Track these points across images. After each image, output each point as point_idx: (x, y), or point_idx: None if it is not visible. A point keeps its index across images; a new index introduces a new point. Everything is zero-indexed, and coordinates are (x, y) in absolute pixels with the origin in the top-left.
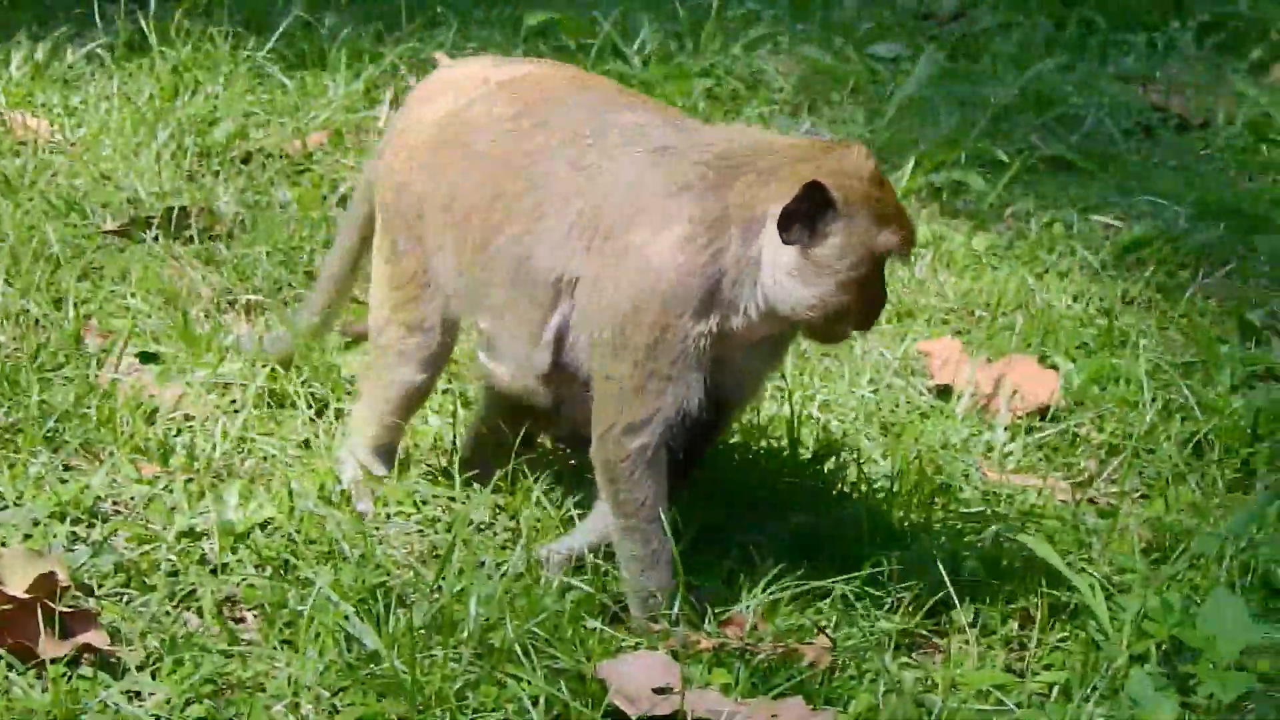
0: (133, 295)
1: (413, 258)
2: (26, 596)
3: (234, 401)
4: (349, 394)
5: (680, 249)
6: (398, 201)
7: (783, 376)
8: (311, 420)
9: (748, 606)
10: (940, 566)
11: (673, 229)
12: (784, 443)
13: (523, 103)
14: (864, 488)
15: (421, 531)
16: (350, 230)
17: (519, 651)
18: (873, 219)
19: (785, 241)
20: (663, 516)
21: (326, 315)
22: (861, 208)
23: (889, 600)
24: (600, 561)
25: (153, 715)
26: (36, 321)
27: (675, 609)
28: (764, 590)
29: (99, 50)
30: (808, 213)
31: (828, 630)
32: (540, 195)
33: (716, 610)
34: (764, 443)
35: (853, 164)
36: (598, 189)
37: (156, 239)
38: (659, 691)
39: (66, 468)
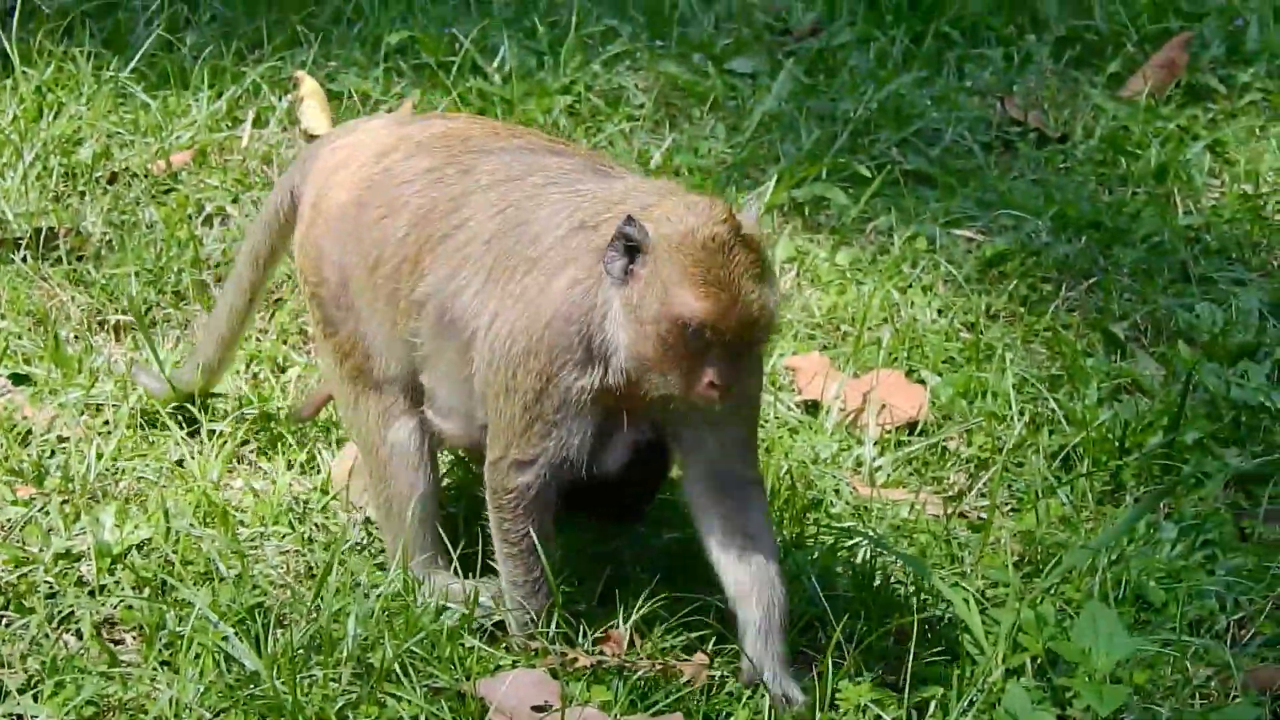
0: (2, 317)
1: (348, 325)
2: None
3: (107, 423)
4: (224, 416)
5: (565, 295)
6: (320, 272)
7: None
8: (184, 440)
9: (624, 623)
10: (815, 582)
11: (565, 272)
12: None
13: (447, 154)
14: None
15: (299, 551)
16: (237, 292)
17: (398, 671)
18: (680, 275)
19: (607, 275)
20: (542, 548)
21: (210, 376)
22: (670, 258)
23: None
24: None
25: None
26: None
27: (552, 628)
28: (640, 607)
29: None
30: (625, 250)
31: (705, 648)
32: (463, 238)
33: (593, 628)
34: None
35: (696, 215)
36: (513, 230)
37: (25, 260)
38: (538, 709)
39: None
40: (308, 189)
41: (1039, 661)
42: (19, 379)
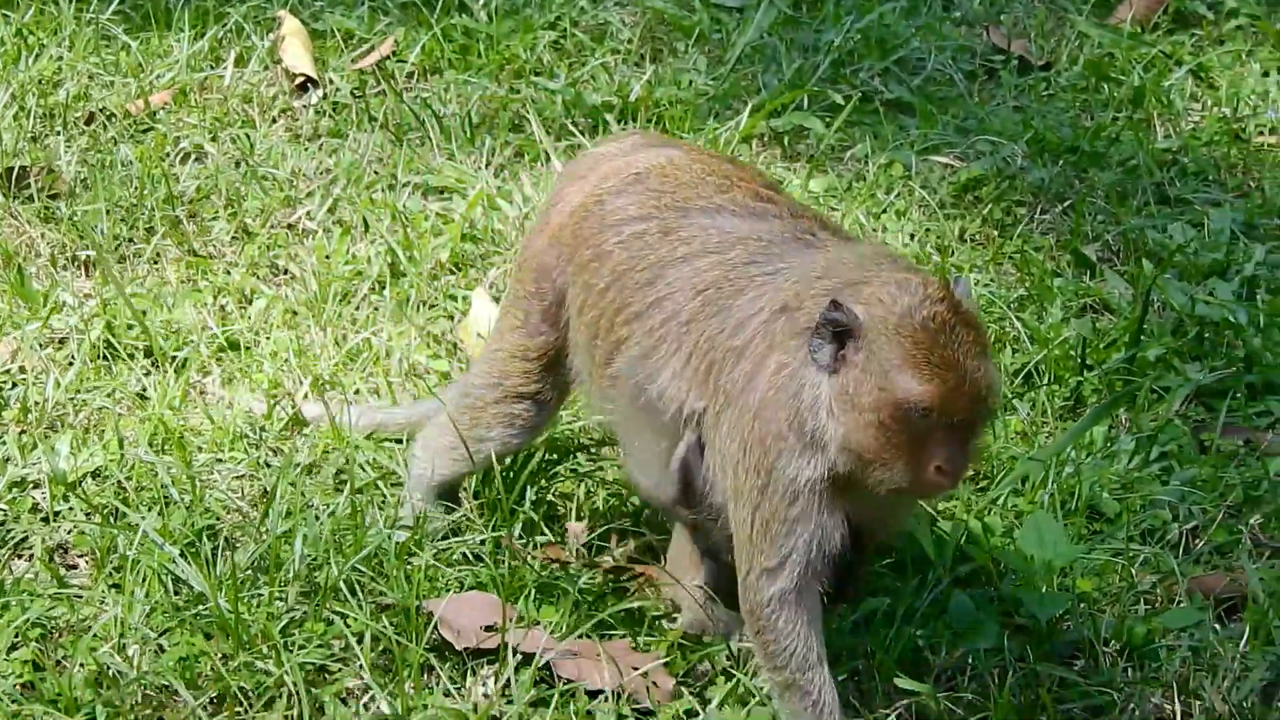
0: None
1: (548, 339)
2: None
3: (70, 356)
4: (188, 344)
5: (771, 382)
6: (538, 280)
7: None
8: (146, 373)
9: (578, 540)
10: None
11: (771, 358)
12: None
13: (655, 201)
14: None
15: (253, 476)
16: None
17: (345, 590)
18: (901, 358)
19: (814, 362)
20: (820, 664)
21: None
22: (886, 340)
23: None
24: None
25: None
26: None
27: None
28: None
29: None
30: (834, 336)
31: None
32: (660, 317)
33: (540, 538)
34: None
35: (911, 295)
36: (715, 317)
37: None
38: (488, 629)
39: None
40: (553, 192)
41: (985, 571)
42: None
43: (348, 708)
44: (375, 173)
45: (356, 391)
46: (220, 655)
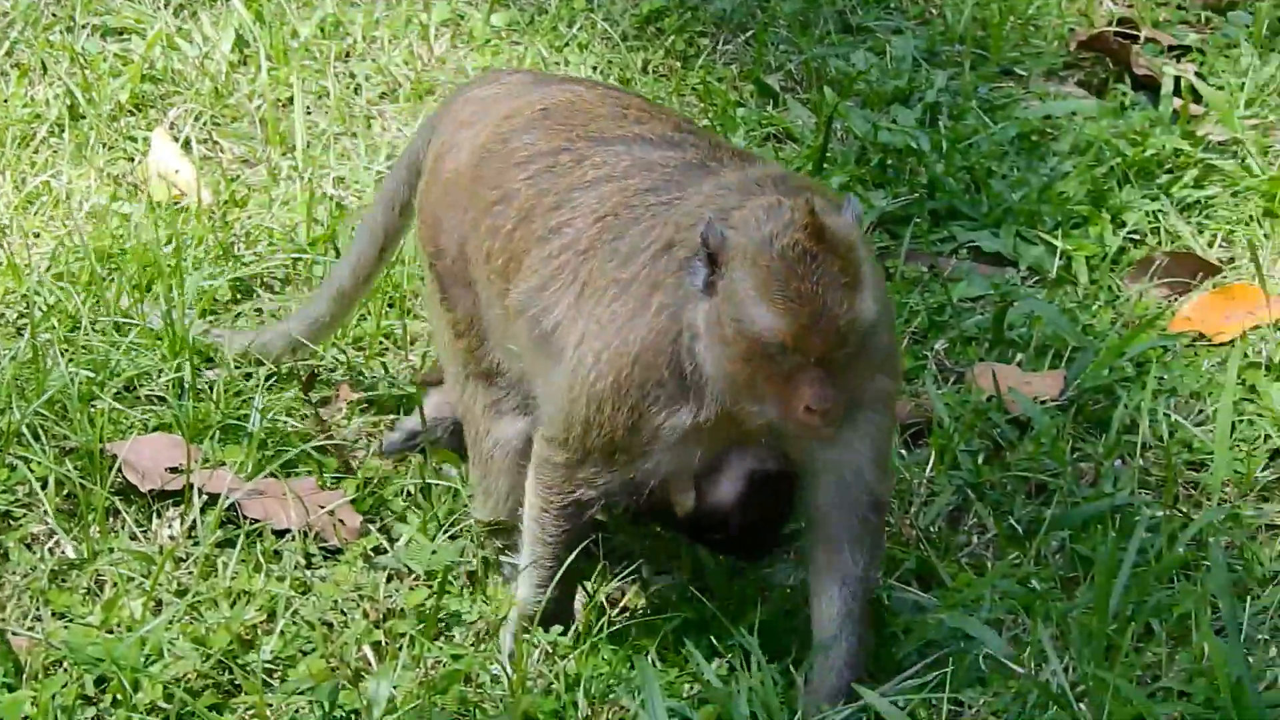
0: None
1: (465, 304)
2: None
3: None
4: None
5: (652, 324)
6: (437, 241)
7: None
8: None
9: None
10: None
11: (654, 298)
12: (292, 227)
13: (567, 134)
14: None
15: None
16: (367, 241)
17: (28, 434)
18: (752, 288)
19: (691, 286)
20: (567, 550)
21: (320, 331)
22: (744, 269)
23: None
24: None
25: None
26: None
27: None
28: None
29: None
30: (708, 259)
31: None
32: (558, 244)
33: None
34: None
35: (775, 221)
36: (608, 245)
37: None
38: (172, 471)
39: None
40: (434, 140)
41: None
42: None
43: (32, 553)
44: (53, 15)
45: (37, 235)
46: None
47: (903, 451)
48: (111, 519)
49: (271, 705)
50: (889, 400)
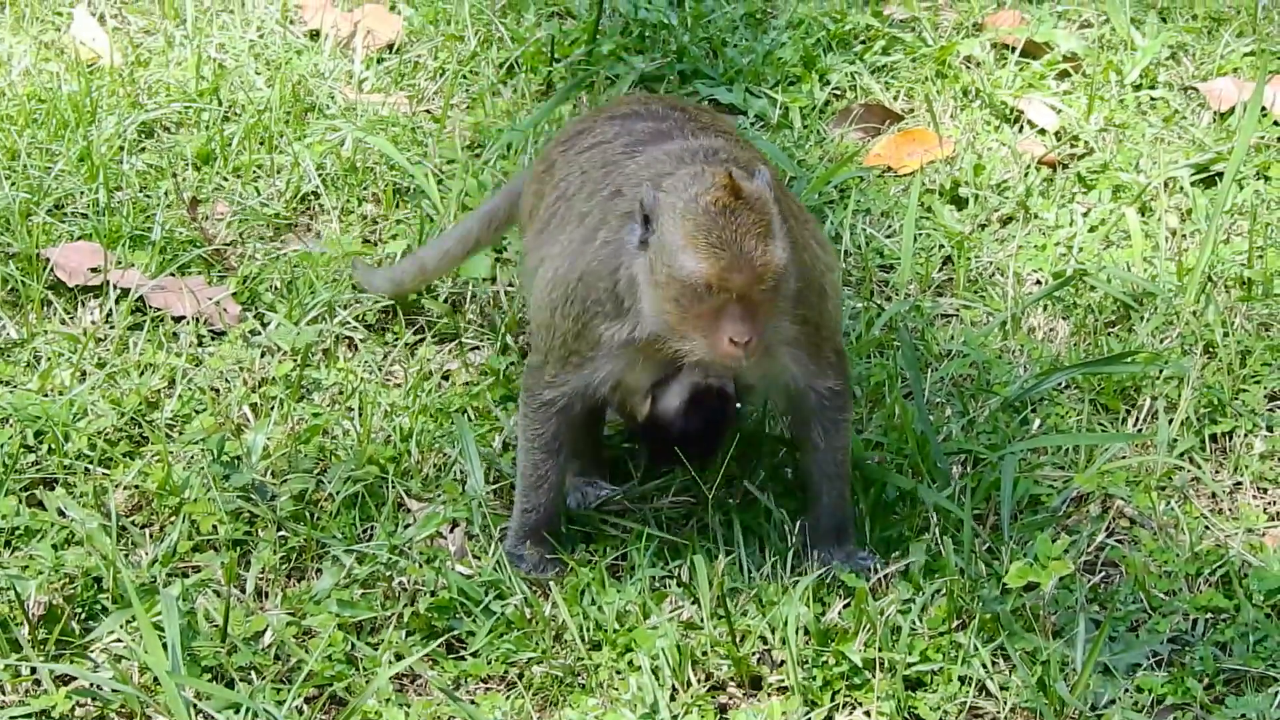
0: None
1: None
2: None
3: None
4: None
5: (596, 254)
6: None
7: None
8: None
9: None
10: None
11: (599, 232)
12: (184, 82)
13: (593, 119)
14: (247, 109)
15: None
16: (480, 222)
17: None
18: (680, 239)
19: (631, 242)
20: (555, 450)
21: (416, 284)
22: (673, 224)
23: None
24: None
25: None
26: None
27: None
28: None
29: None
30: (643, 219)
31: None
32: (556, 194)
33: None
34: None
35: (699, 183)
36: (583, 187)
37: None
38: (93, 270)
39: None
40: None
41: None
42: None
43: None
44: None
45: None
46: None
47: None
48: (45, 308)
49: (173, 453)
50: (819, 321)
